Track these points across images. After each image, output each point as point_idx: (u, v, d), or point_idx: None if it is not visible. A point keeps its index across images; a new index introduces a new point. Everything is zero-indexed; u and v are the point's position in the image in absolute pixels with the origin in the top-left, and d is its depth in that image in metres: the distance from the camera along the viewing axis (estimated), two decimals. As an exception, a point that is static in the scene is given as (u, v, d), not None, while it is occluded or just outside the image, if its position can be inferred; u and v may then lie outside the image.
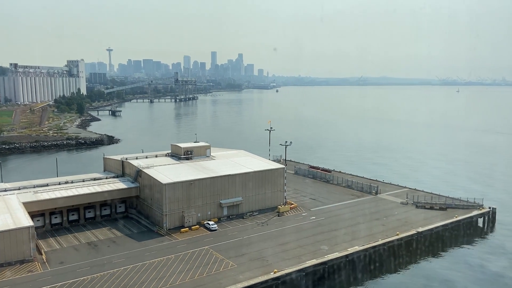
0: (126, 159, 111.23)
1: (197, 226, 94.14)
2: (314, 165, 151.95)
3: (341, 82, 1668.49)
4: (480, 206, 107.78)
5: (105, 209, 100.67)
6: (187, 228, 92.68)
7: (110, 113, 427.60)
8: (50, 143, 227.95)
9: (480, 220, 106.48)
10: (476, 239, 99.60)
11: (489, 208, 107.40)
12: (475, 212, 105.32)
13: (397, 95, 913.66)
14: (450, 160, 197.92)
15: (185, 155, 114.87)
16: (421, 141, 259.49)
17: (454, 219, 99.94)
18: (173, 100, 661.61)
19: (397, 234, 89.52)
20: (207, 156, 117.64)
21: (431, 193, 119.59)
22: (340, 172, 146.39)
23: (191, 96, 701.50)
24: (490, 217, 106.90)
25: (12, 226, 75.38)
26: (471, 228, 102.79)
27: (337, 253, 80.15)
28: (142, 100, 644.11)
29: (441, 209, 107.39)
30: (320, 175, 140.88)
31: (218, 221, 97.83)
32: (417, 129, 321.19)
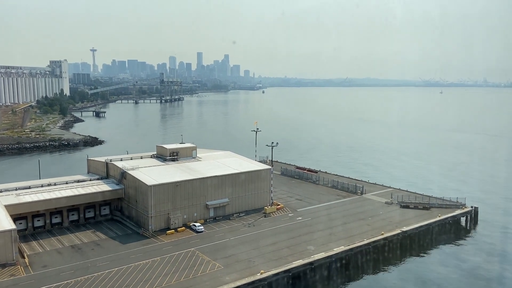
0: (111, 160, 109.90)
1: (183, 228, 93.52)
2: (301, 166, 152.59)
3: (327, 83, 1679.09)
4: (463, 205, 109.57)
5: (89, 212, 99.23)
6: (173, 230, 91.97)
7: (94, 114, 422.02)
8: (32, 145, 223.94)
9: (463, 219, 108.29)
10: (460, 238, 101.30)
11: (471, 207, 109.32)
12: (458, 211, 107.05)
13: (383, 97, 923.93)
14: (433, 160, 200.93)
15: (171, 157, 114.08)
16: (404, 142, 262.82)
17: (438, 218, 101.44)
18: (158, 101, 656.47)
19: (382, 234, 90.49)
20: (193, 157, 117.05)
21: (415, 193, 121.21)
22: (326, 172, 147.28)
23: (176, 97, 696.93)
24: (473, 216, 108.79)
25: (-7, 230, 73.72)
26: (455, 227, 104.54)
27: (323, 253, 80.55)
28: (127, 101, 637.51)
29: (424, 208, 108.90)
30: (307, 176, 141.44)
31: (205, 222, 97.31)
32: (402, 130, 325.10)
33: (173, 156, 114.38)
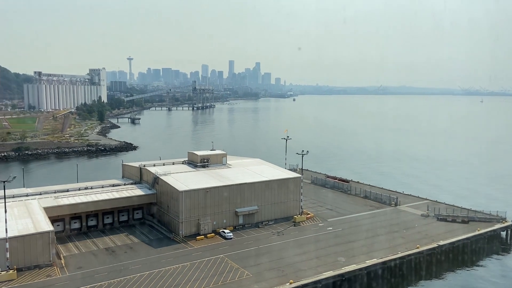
0: (144, 166, 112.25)
1: (213, 234, 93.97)
2: (331, 175, 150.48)
3: (360, 91, 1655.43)
4: (503, 219, 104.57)
5: (122, 215, 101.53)
6: (203, 236, 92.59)
7: (130, 120, 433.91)
8: (71, 150, 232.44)
9: (503, 234, 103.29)
10: (499, 253, 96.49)
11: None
12: (497, 225, 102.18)
13: (422, 105, 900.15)
14: (471, 172, 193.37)
15: (202, 163, 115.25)
16: (447, 151, 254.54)
17: (477, 232, 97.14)
18: (190, 108, 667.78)
19: (418, 247, 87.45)
20: (223, 164, 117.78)
21: (453, 205, 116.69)
22: (358, 182, 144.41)
23: (208, 104, 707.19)
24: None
25: (32, 231, 76.61)
26: (494, 242, 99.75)
27: (354, 265, 78.69)
28: (160, 108, 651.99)
29: (463, 222, 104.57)
30: (338, 185, 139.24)
31: (234, 229, 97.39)
32: (444, 140, 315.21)
33: (204, 163, 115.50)
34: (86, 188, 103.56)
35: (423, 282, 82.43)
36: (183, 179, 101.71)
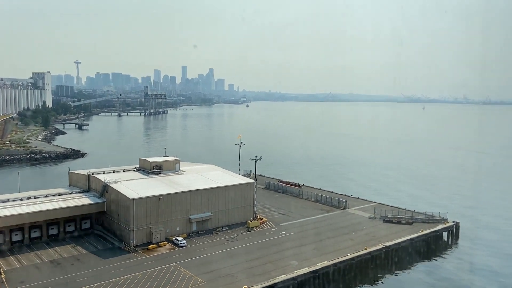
0: (93, 173, 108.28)
1: (165, 242, 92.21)
2: (284, 180, 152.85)
3: (310, 98, 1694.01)
4: (445, 220, 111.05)
5: (69, 226, 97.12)
6: (155, 245, 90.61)
7: (77, 126, 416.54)
8: (12, 157, 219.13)
9: (445, 234, 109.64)
10: (442, 252, 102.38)
11: (453, 222, 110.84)
12: (440, 226, 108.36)
13: (369, 112, 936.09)
14: (416, 175, 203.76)
15: (154, 170, 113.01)
16: (389, 156, 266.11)
17: (421, 233, 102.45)
18: (142, 113, 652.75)
19: (366, 249, 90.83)
20: (177, 171, 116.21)
21: (398, 207, 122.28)
22: (309, 186, 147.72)
23: (160, 110, 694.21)
24: (454, 230, 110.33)
25: (-32, 245, 71.50)
26: (437, 242, 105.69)
27: (306, 268, 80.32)
28: (110, 113, 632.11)
29: (407, 223, 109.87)
30: (290, 190, 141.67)
31: (187, 237, 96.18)
32: (388, 145, 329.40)
33: (156, 170, 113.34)
34: (29, 198, 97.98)
35: (372, 282, 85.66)
36: (134, 186, 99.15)
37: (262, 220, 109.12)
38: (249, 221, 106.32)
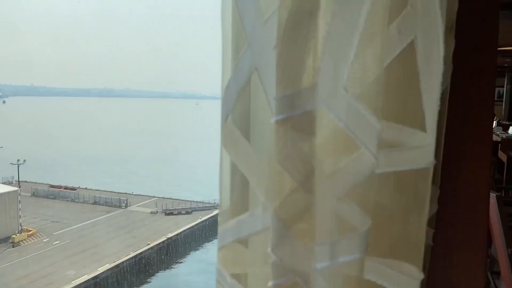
0: None
1: None
2: (56, 184, 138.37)
3: (83, 93, 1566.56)
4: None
5: None
6: None
7: None
8: None
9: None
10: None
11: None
12: (215, 211, 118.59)
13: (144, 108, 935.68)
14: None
15: None
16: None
17: (199, 221, 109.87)
18: None
19: (148, 244, 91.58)
20: None
21: (178, 199, 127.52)
22: (86, 188, 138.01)
23: None
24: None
25: None
26: (215, 226, 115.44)
27: (86, 275, 75.48)
28: None
29: (187, 213, 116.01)
30: (64, 194, 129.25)
31: None
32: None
33: None
34: None
35: (158, 274, 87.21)
36: None
37: (30, 232, 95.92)
38: (13, 236, 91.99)
